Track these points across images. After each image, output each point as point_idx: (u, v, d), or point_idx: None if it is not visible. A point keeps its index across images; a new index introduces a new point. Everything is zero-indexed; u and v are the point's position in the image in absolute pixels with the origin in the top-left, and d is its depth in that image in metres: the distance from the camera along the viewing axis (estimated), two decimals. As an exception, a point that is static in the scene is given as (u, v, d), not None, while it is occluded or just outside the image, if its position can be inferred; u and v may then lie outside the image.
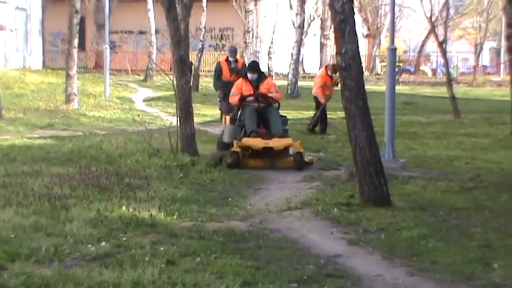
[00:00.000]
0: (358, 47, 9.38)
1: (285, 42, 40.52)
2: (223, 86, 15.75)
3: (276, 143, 12.55)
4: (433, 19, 29.87)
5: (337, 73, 18.43)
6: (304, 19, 34.51)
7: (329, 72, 18.17)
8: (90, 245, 6.75)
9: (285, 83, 34.43)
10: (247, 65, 14.22)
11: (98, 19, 41.93)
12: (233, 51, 16.57)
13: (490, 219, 8.64)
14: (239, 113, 13.25)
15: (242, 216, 8.73)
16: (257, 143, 12.56)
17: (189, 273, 6.00)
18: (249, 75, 13.45)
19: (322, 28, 50.14)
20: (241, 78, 13.62)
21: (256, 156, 12.60)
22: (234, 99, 13.39)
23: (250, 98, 13.26)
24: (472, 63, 59.28)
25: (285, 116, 13.80)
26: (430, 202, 9.58)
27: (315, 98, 18.52)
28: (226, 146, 13.24)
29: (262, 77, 13.64)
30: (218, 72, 16.25)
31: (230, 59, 16.31)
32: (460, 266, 6.60)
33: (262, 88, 13.44)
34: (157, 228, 7.67)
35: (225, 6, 41.05)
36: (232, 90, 13.58)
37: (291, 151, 12.65)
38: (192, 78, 16.50)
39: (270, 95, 13.46)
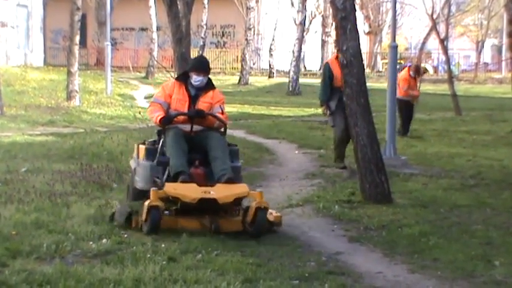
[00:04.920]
0: (359, 44, 9.39)
1: (286, 39, 40.50)
2: (335, 94, 11.75)
3: (221, 192, 7.56)
4: (435, 16, 29.85)
5: (421, 74, 17.84)
6: (305, 16, 34.50)
7: (411, 74, 17.23)
8: (91, 242, 6.75)
9: (286, 80, 34.49)
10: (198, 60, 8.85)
11: (99, 16, 41.92)
12: None
13: (491, 217, 8.64)
14: (161, 141, 8.10)
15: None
16: (190, 192, 7.51)
17: (190, 270, 6.00)
18: (194, 78, 8.23)
19: (324, 25, 50.11)
20: (175, 80, 8.56)
21: (189, 213, 7.73)
22: (153, 114, 8.23)
23: (180, 117, 8.17)
24: (474, 60, 59.27)
25: (236, 146, 8.51)
26: (431, 199, 9.58)
27: (400, 102, 16.10)
28: (140, 195, 7.99)
29: (209, 85, 8.37)
30: (327, 76, 11.96)
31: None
32: (461, 264, 6.60)
33: (202, 102, 8.24)
34: (158, 225, 7.66)
35: (226, 3, 41.08)
36: (156, 95, 8.58)
37: (245, 203, 7.63)
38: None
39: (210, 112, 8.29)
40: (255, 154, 13.76)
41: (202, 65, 8.32)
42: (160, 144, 8.04)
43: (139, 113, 19.33)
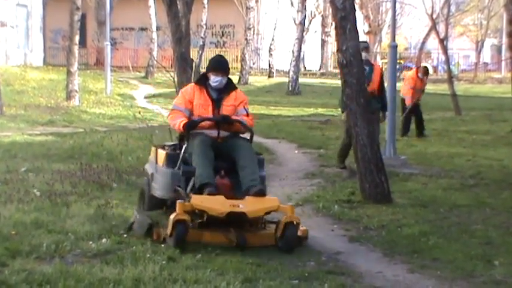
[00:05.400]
0: (359, 44, 9.38)
1: (286, 39, 40.53)
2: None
3: (250, 205, 7.04)
4: (434, 16, 29.88)
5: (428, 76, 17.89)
6: (305, 16, 34.52)
7: (420, 75, 17.34)
8: (91, 242, 6.75)
9: (285, 79, 34.49)
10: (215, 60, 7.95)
11: (99, 16, 41.91)
12: (366, 46, 11.58)
13: (491, 217, 8.65)
14: (184, 147, 7.54)
15: (243, 213, 8.69)
16: (218, 205, 6.96)
17: (190, 270, 5.99)
18: (212, 79, 7.70)
19: (323, 25, 50.18)
20: (194, 84, 7.90)
21: (214, 226, 7.10)
22: (175, 121, 7.68)
23: (206, 122, 7.61)
24: (473, 60, 59.30)
25: (261, 154, 8.11)
26: (431, 199, 9.58)
27: (403, 101, 16.98)
28: (158, 203, 7.63)
29: (230, 86, 7.84)
30: None
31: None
32: (460, 263, 6.60)
33: (226, 106, 7.73)
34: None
35: (226, 3, 41.08)
36: (176, 102, 7.91)
37: (270, 216, 7.38)
38: (192, 75, 16.37)
39: (236, 117, 7.73)
40: (255, 154, 13.73)
41: (220, 65, 7.75)
42: (183, 150, 7.46)
43: (139, 112, 19.35)
